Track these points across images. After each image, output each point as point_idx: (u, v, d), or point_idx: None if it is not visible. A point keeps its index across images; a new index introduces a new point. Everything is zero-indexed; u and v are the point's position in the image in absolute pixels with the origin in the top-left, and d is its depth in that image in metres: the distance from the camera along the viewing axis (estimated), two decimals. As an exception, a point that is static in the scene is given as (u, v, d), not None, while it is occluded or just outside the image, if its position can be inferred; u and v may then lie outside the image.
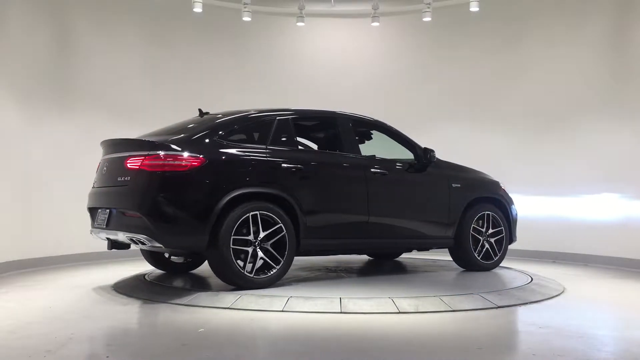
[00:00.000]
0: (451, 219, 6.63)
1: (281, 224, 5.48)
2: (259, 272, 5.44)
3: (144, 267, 6.91)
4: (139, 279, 6.19)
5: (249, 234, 5.35)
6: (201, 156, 5.26)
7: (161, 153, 5.22)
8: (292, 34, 9.99)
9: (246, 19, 9.31)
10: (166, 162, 5.19)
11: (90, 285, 6.23)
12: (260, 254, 5.40)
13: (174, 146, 5.28)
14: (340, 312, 4.81)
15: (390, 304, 4.97)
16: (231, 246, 5.24)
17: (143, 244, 5.39)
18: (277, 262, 5.49)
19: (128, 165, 5.35)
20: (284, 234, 5.49)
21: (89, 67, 8.41)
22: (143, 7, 9.07)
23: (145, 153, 5.28)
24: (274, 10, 9.88)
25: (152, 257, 6.50)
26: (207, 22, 9.50)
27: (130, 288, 5.82)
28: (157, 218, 5.15)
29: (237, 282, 5.36)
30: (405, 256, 8.14)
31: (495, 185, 7.14)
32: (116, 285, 6.07)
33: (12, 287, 6.11)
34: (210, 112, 6.21)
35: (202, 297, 5.20)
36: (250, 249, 5.36)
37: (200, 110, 6.25)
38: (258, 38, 9.83)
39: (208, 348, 3.90)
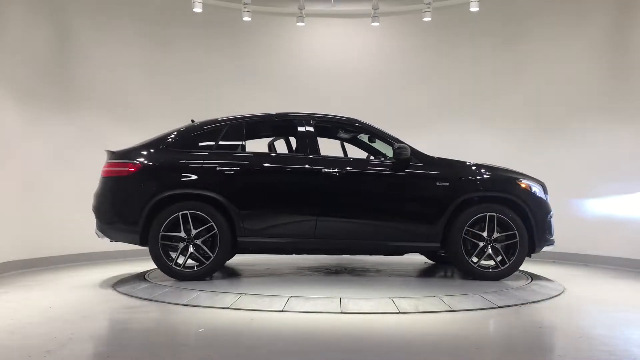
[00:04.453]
0: (433, 221, 6.07)
1: (212, 223, 5.89)
2: (197, 266, 5.98)
3: (144, 267, 6.92)
4: (139, 279, 6.20)
5: (182, 232, 5.91)
6: (138, 163, 6.01)
7: (111, 161, 6.14)
8: (292, 34, 9.99)
9: (246, 19, 9.31)
10: (109, 169, 6.12)
11: (90, 285, 6.24)
12: (191, 249, 5.91)
13: (125, 155, 6.10)
14: (340, 312, 4.81)
15: (390, 304, 4.97)
16: (160, 241, 5.90)
17: (99, 237, 6.25)
18: (209, 258, 5.95)
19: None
20: (216, 232, 5.89)
21: (89, 67, 8.41)
22: (143, 7, 9.06)
23: (107, 161, 6.21)
24: (274, 10, 9.88)
25: None
26: (207, 22, 9.49)
27: (130, 288, 5.83)
28: (101, 216, 6.14)
29: (168, 274, 5.98)
30: (405, 257, 8.07)
31: (507, 183, 6.28)
32: (116, 285, 6.08)
33: (12, 287, 6.11)
34: (196, 120, 6.54)
35: (202, 297, 5.21)
36: (181, 245, 5.91)
37: (192, 120, 6.58)
38: (258, 38, 9.84)
39: (208, 348, 3.90)
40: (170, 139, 6.22)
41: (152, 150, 6.13)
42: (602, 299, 5.80)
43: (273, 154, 6.58)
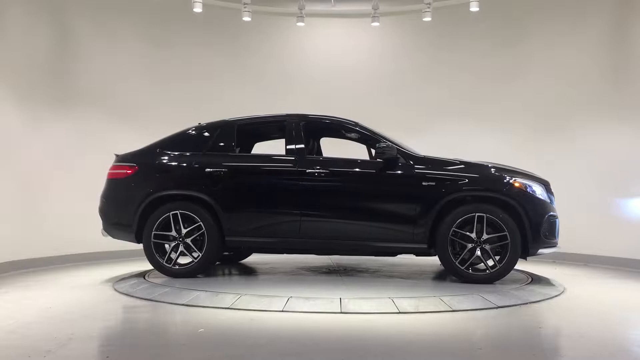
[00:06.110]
0: (419, 222, 5.91)
1: (200, 222, 6.08)
2: (186, 264, 6.19)
3: (144, 267, 6.91)
4: (139, 279, 6.20)
5: (172, 231, 6.16)
6: (135, 165, 6.33)
7: (114, 164, 6.47)
8: (292, 34, 9.98)
9: (246, 19, 9.31)
10: (111, 171, 6.46)
11: (90, 285, 6.25)
12: (181, 247, 6.14)
13: (125, 158, 6.44)
14: (340, 312, 4.81)
15: (390, 304, 4.97)
16: (152, 240, 6.15)
17: (104, 236, 6.55)
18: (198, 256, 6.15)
19: None
20: (204, 231, 6.08)
21: (89, 67, 8.41)
22: (143, 7, 9.06)
23: (112, 164, 6.52)
24: (274, 10, 9.88)
25: None
26: (207, 22, 9.49)
27: (130, 288, 5.83)
28: (104, 216, 6.48)
29: (160, 271, 6.23)
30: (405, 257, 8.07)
31: (497, 181, 5.97)
32: (116, 285, 6.08)
33: (12, 287, 6.11)
34: (203, 123, 6.70)
35: (202, 297, 5.21)
36: (172, 243, 6.17)
37: (199, 123, 6.70)
38: (258, 38, 9.83)
39: (208, 348, 3.90)
40: (168, 142, 6.47)
41: (149, 153, 6.41)
42: (602, 299, 5.80)
43: (258, 155, 6.62)
